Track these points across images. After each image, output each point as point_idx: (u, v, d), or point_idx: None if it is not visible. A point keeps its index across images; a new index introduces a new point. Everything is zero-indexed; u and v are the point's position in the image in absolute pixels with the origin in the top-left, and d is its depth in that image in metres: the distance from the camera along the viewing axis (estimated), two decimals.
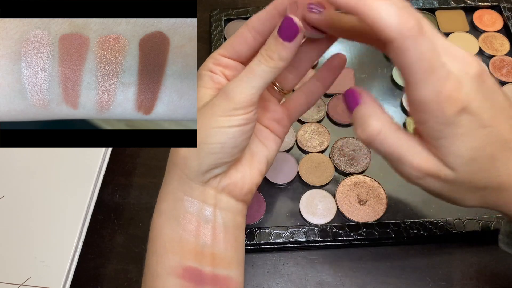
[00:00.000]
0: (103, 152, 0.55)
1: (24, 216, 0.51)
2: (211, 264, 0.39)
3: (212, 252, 0.39)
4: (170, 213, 0.40)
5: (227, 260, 0.40)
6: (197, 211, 0.39)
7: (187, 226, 0.39)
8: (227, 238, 0.40)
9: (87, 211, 0.51)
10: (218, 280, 0.39)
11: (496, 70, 0.67)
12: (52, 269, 0.48)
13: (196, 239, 0.39)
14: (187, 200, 0.39)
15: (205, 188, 0.40)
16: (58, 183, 0.53)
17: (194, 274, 0.38)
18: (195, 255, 0.39)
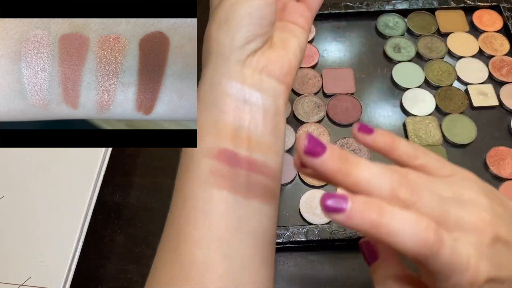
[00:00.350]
0: (103, 152, 0.55)
1: (24, 216, 0.51)
2: (248, 147, 0.38)
3: (249, 135, 0.38)
4: (208, 98, 0.39)
5: (264, 146, 0.39)
6: (236, 92, 0.38)
7: (225, 108, 0.38)
8: (266, 122, 0.39)
9: (87, 211, 0.51)
10: (253, 164, 0.38)
11: (495, 70, 0.67)
12: (52, 269, 0.48)
13: (234, 121, 0.38)
14: (225, 83, 0.38)
15: (243, 68, 0.39)
16: (58, 183, 0.52)
17: (229, 156, 0.37)
18: (232, 138, 0.37)
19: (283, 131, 0.41)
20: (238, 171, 0.37)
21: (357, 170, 0.29)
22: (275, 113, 0.40)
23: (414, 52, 0.69)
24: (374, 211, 0.27)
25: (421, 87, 0.67)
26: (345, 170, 0.28)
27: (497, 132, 0.63)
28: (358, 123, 0.34)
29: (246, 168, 0.37)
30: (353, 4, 0.73)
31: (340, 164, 0.28)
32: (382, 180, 0.29)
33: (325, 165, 0.28)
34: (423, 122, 0.63)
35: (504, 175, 0.59)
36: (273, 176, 0.39)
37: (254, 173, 0.38)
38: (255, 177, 0.38)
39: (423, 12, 0.73)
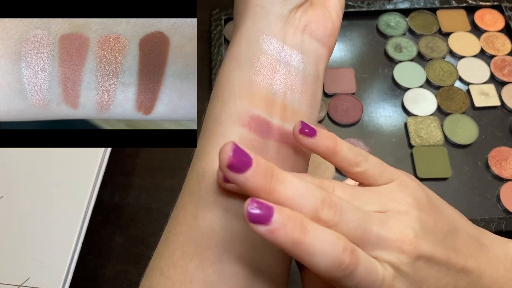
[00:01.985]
0: (102, 152, 0.55)
1: (23, 217, 0.50)
2: (282, 116, 0.34)
3: (284, 103, 0.35)
4: (243, 56, 0.35)
5: (299, 116, 0.35)
6: (275, 51, 0.35)
7: (261, 69, 0.34)
8: (304, 89, 0.36)
9: (86, 211, 0.51)
10: (285, 136, 0.34)
11: (497, 70, 0.67)
12: (51, 269, 0.47)
13: (270, 84, 0.34)
14: (263, 39, 0.35)
15: (285, 25, 0.35)
16: (57, 183, 0.52)
17: (261, 125, 0.33)
18: (266, 103, 0.34)
19: (320, 101, 0.38)
20: (268, 142, 0.33)
21: (281, 188, 0.28)
22: (315, 79, 0.36)
23: (415, 52, 0.69)
24: (297, 229, 0.26)
25: (422, 87, 0.66)
26: (269, 187, 0.27)
27: (498, 132, 0.62)
28: (300, 122, 0.32)
29: (277, 139, 0.34)
30: (354, 3, 0.73)
31: (264, 181, 0.27)
32: (306, 199, 0.28)
33: (248, 182, 0.27)
34: (424, 122, 0.63)
35: (505, 176, 0.58)
36: (304, 153, 0.36)
37: (286, 146, 0.34)
38: (286, 150, 0.34)
39: (425, 11, 0.73)
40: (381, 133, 0.63)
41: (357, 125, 0.64)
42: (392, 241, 0.29)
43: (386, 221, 0.30)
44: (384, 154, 0.61)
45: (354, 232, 0.29)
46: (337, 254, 0.27)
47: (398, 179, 0.33)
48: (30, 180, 0.53)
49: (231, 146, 0.26)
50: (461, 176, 0.59)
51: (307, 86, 0.36)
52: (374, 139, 0.62)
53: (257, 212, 0.25)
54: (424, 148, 0.61)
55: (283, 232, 0.26)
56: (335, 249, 0.27)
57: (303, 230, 0.26)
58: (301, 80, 0.35)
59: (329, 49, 0.38)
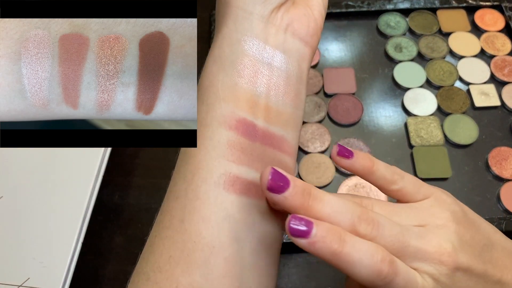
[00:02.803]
0: (102, 152, 0.54)
1: (23, 217, 0.50)
2: (266, 119, 0.34)
3: (268, 104, 0.35)
4: (226, 58, 0.35)
5: (283, 117, 0.35)
6: (257, 52, 0.35)
7: (244, 71, 0.34)
8: (288, 90, 0.35)
9: (86, 211, 0.51)
10: (270, 138, 0.34)
11: (497, 70, 0.67)
12: (51, 270, 0.47)
13: (253, 86, 0.34)
14: (245, 41, 0.35)
15: (267, 25, 0.35)
16: (57, 183, 0.52)
17: (248, 128, 0.33)
18: (250, 105, 0.34)
19: (304, 101, 0.37)
20: (254, 144, 0.34)
21: (318, 206, 0.30)
22: (298, 79, 0.36)
23: (415, 52, 0.69)
24: (335, 241, 0.28)
25: (422, 87, 0.66)
26: (307, 205, 0.29)
27: (498, 132, 0.62)
28: (337, 145, 0.35)
29: (262, 142, 0.34)
30: (354, 3, 0.73)
31: (302, 200, 0.29)
32: (343, 216, 0.30)
33: (287, 201, 0.29)
34: (424, 122, 0.63)
35: (505, 176, 0.58)
36: (290, 152, 0.36)
37: (271, 148, 0.34)
38: (271, 153, 0.34)
39: (425, 11, 0.73)
40: (381, 133, 0.63)
41: (357, 125, 0.64)
42: (431, 253, 0.31)
43: (424, 235, 0.31)
44: (384, 154, 0.61)
45: (392, 245, 0.30)
46: (375, 264, 0.29)
47: (433, 194, 0.35)
48: (30, 180, 0.53)
49: (270, 171, 0.29)
50: (461, 176, 0.59)
51: (290, 86, 0.36)
52: (374, 139, 0.62)
53: (297, 227, 0.28)
54: (424, 148, 0.61)
55: (323, 244, 0.28)
56: (373, 259, 0.29)
57: (342, 242, 0.28)
58: (284, 80, 0.36)
59: (312, 48, 0.38)
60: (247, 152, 0.33)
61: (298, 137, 0.37)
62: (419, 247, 0.31)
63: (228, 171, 0.32)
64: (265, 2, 0.35)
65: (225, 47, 0.35)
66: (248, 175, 0.33)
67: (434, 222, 0.32)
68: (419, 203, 0.34)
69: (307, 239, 0.28)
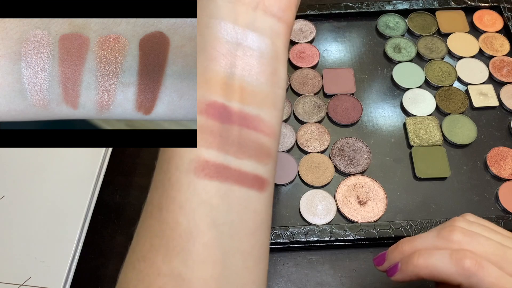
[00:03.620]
0: (103, 152, 0.55)
1: (24, 216, 0.51)
2: (240, 99, 0.33)
3: (242, 85, 0.34)
4: (198, 45, 0.34)
5: (259, 97, 0.34)
6: (227, 35, 0.34)
7: (214, 54, 0.33)
8: (262, 68, 0.34)
9: (87, 211, 0.51)
10: (246, 119, 0.33)
11: (496, 71, 0.67)
12: (52, 269, 0.48)
13: (224, 68, 0.33)
14: (214, 24, 0.34)
15: (235, 5, 0.34)
16: (58, 183, 0.53)
17: (219, 111, 0.33)
18: (222, 88, 0.33)
19: (283, 79, 0.36)
20: (229, 127, 0.33)
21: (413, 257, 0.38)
22: (273, 57, 0.35)
23: (414, 53, 0.69)
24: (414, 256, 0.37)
25: (421, 88, 0.67)
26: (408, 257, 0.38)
27: (497, 132, 0.63)
28: (385, 270, 0.41)
29: (237, 123, 0.33)
30: (353, 4, 0.73)
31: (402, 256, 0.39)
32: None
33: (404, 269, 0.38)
34: (423, 123, 0.63)
35: (504, 176, 0.59)
36: (269, 133, 0.35)
37: (247, 129, 0.33)
38: (247, 134, 0.34)
39: (424, 12, 0.73)
40: (380, 133, 0.63)
41: (356, 125, 0.64)
42: None
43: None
44: (383, 154, 0.61)
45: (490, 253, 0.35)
46: (454, 259, 0.35)
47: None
48: (31, 180, 0.53)
49: (373, 262, 0.43)
50: (460, 176, 0.60)
51: (265, 65, 0.35)
52: (373, 139, 0.63)
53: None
54: (423, 148, 0.61)
55: (399, 274, 0.39)
56: (451, 259, 0.35)
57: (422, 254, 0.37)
58: (257, 59, 0.34)
59: (287, 23, 0.36)
60: (217, 135, 0.32)
61: (278, 117, 0.35)
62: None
63: (198, 155, 0.32)
64: None
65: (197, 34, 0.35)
66: (218, 158, 0.32)
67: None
68: None
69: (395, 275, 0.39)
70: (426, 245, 0.38)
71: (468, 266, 0.34)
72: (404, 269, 0.38)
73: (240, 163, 0.33)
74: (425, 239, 0.38)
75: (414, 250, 0.38)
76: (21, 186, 0.52)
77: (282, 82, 0.36)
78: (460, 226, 0.38)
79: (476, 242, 0.36)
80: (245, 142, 0.33)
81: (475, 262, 0.34)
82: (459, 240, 0.36)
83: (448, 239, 0.37)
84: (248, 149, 0.33)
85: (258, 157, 0.34)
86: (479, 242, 0.36)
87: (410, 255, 0.38)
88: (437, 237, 0.38)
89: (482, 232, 0.37)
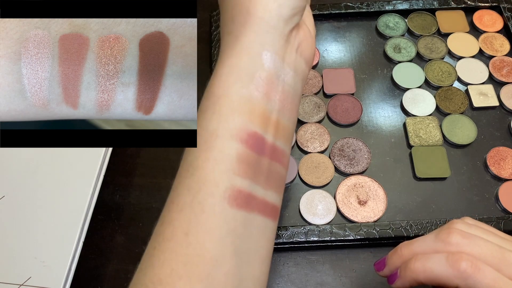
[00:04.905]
0: (103, 152, 0.55)
1: (24, 216, 0.51)
2: (274, 133, 0.35)
3: (278, 119, 0.35)
4: (243, 69, 0.35)
5: (287, 132, 0.37)
6: (275, 69, 0.35)
7: (261, 85, 0.34)
8: (292, 107, 0.37)
9: (87, 211, 0.51)
10: (276, 153, 0.35)
11: (496, 71, 0.67)
12: (52, 269, 0.48)
13: (267, 102, 0.35)
14: (267, 55, 0.35)
15: (286, 43, 0.36)
16: (58, 183, 0.53)
17: (258, 142, 0.34)
18: (263, 120, 0.34)
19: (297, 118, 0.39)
20: (261, 159, 0.34)
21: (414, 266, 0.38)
22: (299, 96, 0.38)
23: (414, 53, 0.69)
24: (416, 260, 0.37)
25: (421, 88, 0.67)
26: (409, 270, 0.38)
27: (497, 132, 0.63)
28: (389, 279, 0.41)
29: (269, 156, 0.35)
30: (353, 4, 0.73)
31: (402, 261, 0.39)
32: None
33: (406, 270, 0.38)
34: (423, 123, 0.63)
35: (504, 176, 0.59)
36: (286, 165, 0.37)
37: (274, 162, 0.35)
38: (275, 167, 0.35)
39: (424, 12, 0.73)
40: (380, 133, 0.63)
41: (356, 125, 0.64)
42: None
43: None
44: (383, 154, 0.61)
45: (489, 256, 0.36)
46: (451, 262, 0.35)
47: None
48: (31, 180, 0.53)
49: (374, 267, 0.43)
50: (460, 176, 0.60)
51: (294, 104, 0.37)
52: (373, 139, 0.63)
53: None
54: (423, 148, 0.61)
55: (399, 281, 0.39)
56: (448, 262, 0.35)
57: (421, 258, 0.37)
58: (292, 98, 0.37)
59: (310, 69, 0.39)
60: (252, 166, 0.33)
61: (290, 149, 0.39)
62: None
63: (234, 184, 0.32)
64: (289, 20, 0.35)
65: (244, 58, 0.35)
66: (249, 188, 0.33)
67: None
68: None
69: (396, 279, 0.39)
70: (424, 248, 0.38)
71: (464, 268, 0.34)
72: (403, 275, 0.38)
73: (265, 194, 0.34)
74: (423, 242, 0.38)
75: (413, 253, 0.38)
76: (21, 186, 0.52)
77: (296, 119, 0.39)
78: (458, 228, 0.37)
79: (474, 244, 0.36)
80: (271, 175, 0.35)
81: (471, 264, 0.34)
82: (457, 242, 0.36)
83: (446, 242, 0.37)
84: (273, 180, 0.35)
85: (279, 188, 0.36)
86: (477, 244, 0.36)
87: (407, 261, 0.38)
88: (435, 240, 0.38)
89: (481, 235, 0.37)
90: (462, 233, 0.37)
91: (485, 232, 0.38)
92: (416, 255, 0.38)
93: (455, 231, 0.37)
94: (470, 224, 0.39)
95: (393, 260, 0.40)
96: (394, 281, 0.39)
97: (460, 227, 0.38)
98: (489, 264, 0.35)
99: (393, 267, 0.40)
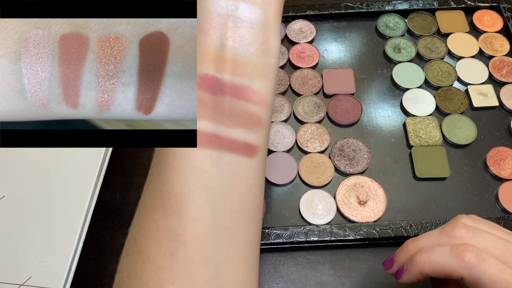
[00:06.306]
0: (103, 152, 0.55)
1: (25, 216, 0.51)
2: (231, 70, 0.35)
3: (233, 56, 0.35)
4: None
5: (250, 67, 0.35)
6: (220, 8, 0.35)
7: (206, 27, 0.35)
8: (252, 38, 0.35)
9: (88, 211, 0.51)
10: (237, 90, 0.35)
11: (496, 71, 0.67)
12: (53, 269, 0.48)
13: (216, 41, 0.34)
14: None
15: None
16: (58, 183, 0.53)
17: (211, 83, 0.34)
18: (213, 60, 0.34)
19: (275, 47, 0.36)
20: (220, 98, 0.34)
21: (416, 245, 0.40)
22: (264, 26, 0.36)
23: (414, 53, 0.70)
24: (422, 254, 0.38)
25: (421, 88, 0.67)
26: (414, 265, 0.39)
27: (497, 132, 0.63)
28: (396, 274, 0.41)
29: (229, 94, 0.34)
30: (353, 4, 0.73)
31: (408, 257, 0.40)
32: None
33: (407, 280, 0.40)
34: (423, 123, 0.63)
35: (504, 176, 0.59)
36: (259, 102, 0.36)
37: (237, 100, 0.35)
38: (238, 104, 0.35)
39: (424, 12, 0.73)
40: (380, 133, 0.63)
41: (356, 125, 0.64)
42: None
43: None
44: (383, 154, 0.61)
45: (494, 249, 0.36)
46: (455, 253, 0.36)
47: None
48: (32, 180, 0.53)
49: (383, 266, 0.43)
50: (459, 176, 0.60)
51: (255, 36, 0.35)
52: (373, 139, 0.63)
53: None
54: (423, 148, 0.61)
55: (406, 275, 0.40)
56: (452, 253, 0.36)
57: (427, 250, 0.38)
58: (248, 30, 0.35)
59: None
60: (209, 106, 0.34)
61: (270, 85, 0.36)
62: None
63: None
64: None
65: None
66: (209, 128, 0.34)
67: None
68: None
69: (403, 274, 0.40)
70: (430, 242, 0.39)
71: (469, 258, 0.35)
72: (409, 269, 0.39)
73: (230, 132, 0.35)
74: (429, 237, 0.39)
75: (419, 248, 0.39)
76: (21, 186, 0.52)
77: (274, 51, 0.36)
78: (463, 222, 0.38)
79: (479, 237, 0.37)
80: (235, 112, 0.35)
81: (475, 254, 0.35)
82: (462, 236, 0.37)
83: (451, 235, 0.38)
84: (238, 118, 0.35)
85: (248, 126, 0.35)
86: (482, 237, 0.37)
87: (413, 255, 0.39)
88: (440, 234, 0.39)
89: (486, 229, 0.38)
90: (466, 227, 0.38)
91: (490, 227, 0.38)
92: (422, 249, 0.38)
93: (460, 225, 0.38)
94: (475, 219, 0.39)
95: (400, 256, 0.41)
96: (401, 276, 0.40)
97: (465, 221, 0.39)
98: (493, 256, 0.35)
99: (400, 263, 0.41)
